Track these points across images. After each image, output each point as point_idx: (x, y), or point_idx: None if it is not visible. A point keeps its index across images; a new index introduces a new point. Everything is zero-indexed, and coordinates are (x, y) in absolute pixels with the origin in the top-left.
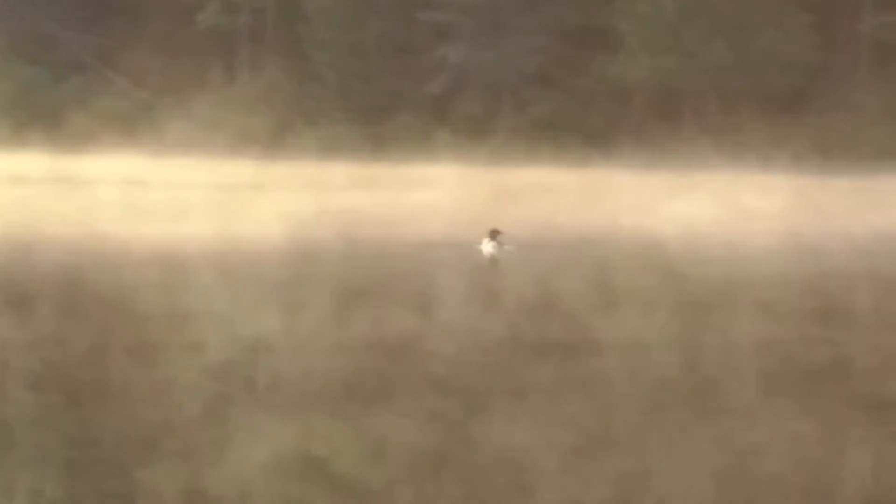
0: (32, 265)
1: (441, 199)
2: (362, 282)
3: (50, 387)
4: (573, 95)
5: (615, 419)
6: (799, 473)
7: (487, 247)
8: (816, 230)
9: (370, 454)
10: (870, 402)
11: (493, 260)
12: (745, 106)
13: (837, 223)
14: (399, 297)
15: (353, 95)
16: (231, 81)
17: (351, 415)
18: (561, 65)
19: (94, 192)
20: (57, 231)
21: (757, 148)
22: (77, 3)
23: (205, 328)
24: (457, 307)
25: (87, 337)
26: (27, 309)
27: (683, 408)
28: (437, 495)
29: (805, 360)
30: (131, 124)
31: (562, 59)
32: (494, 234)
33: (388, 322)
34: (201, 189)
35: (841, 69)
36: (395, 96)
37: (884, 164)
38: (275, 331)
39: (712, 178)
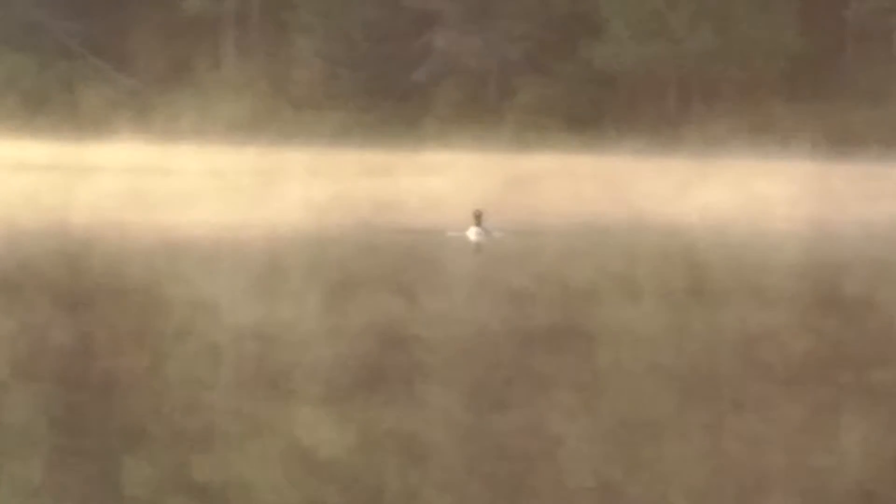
0: (34, 254)
1: (444, 186)
2: (364, 270)
3: (47, 376)
4: (560, 82)
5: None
6: (815, 461)
7: (473, 234)
8: (818, 215)
9: (402, 446)
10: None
11: (479, 247)
12: (731, 92)
13: (837, 208)
14: (389, 285)
15: (340, 82)
16: (217, 68)
17: (372, 404)
18: (547, 51)
19: (87, 178)
20: (57, 219)
21: (745, 134)
22: None
23: (215, 316)
24: (444, 295)
25: (94, 325)
26: (46, 300)
27: (682, 398)
28: (433, 484)
29: (823, 349)
30: (118, 111)
31: (548, 46)
32: (478, 217)
33: (381, 310)
34: (195, 176)
35: (827, 55)
36: (382, 83)
37: (870, 149)
38: (288, 319)
39: (704, 163)
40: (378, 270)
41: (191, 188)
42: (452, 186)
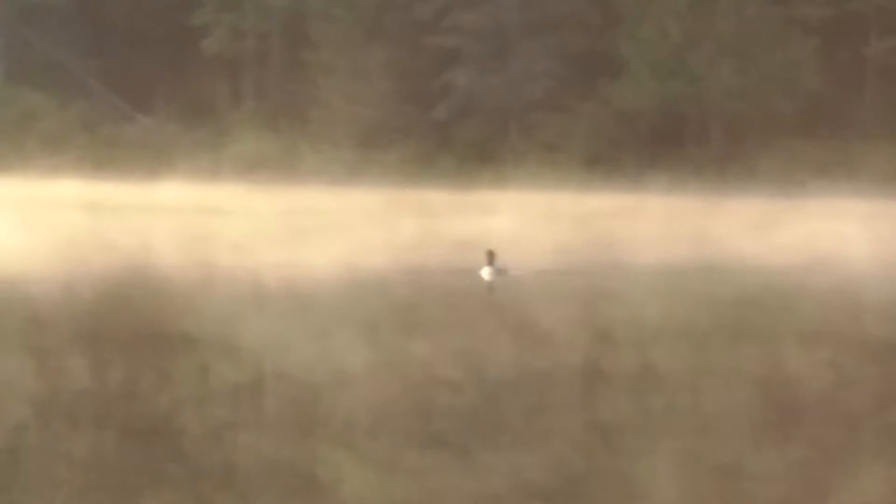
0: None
1: (482, 225)
2: (399, 308)
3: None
4: (580, 120)
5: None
6: None
7: (486, 273)
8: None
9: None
10: None
11: (492, 286)
12: (751, 130)
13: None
14: (407, 324)
15: (359, 120)
16: (236, 107)
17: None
18: (567, 90)
19: (121, 217)
20: (96, 258)
21: (765, 172)
22: (82, 28)
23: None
24: (460, 334)
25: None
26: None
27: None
28: None
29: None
30: (136, 150)
31: (568, 84)
32: (491, 256)
33: (397, 348)
34: (217, 215)
35: (846, 93)
36: (402, 121)
37: (889, 187)
38: (356, 362)
39: (726, 201)
40: (402, 310)
41: (237, 228)
42: (489, 226)
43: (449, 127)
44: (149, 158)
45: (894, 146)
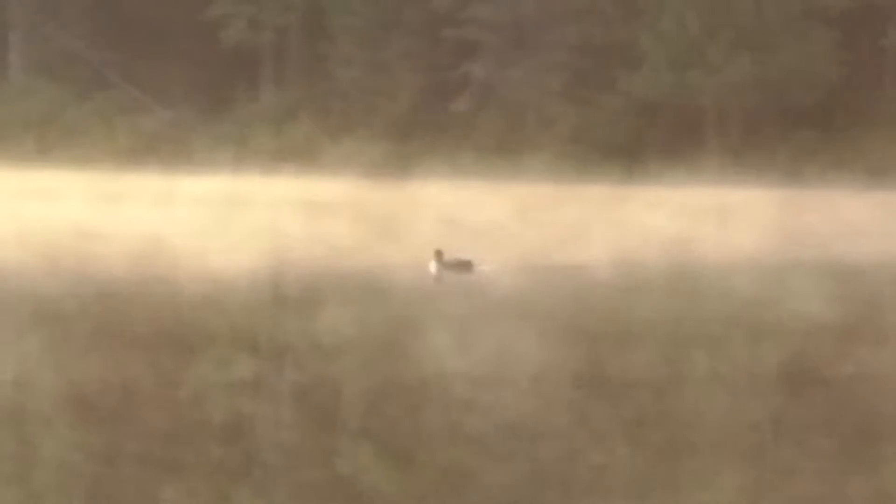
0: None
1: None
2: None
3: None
4: (598, 112)
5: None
6: None
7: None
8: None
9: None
10: None
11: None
12: (769, 122)
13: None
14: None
15: (378, 113)
16: (256, 99)
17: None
18: (585, 81)
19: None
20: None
21: (781, 164)
22: (101, 21)
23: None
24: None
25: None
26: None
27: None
28: None
29: None
30: (155, 142)
31: (586, 76)
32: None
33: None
34: (237, 207)
35: (865, 84)
36: (420, 113)
37: None
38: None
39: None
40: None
41: (242, 221)
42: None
43: (468, 119)
44: (163, 151)
45: None
